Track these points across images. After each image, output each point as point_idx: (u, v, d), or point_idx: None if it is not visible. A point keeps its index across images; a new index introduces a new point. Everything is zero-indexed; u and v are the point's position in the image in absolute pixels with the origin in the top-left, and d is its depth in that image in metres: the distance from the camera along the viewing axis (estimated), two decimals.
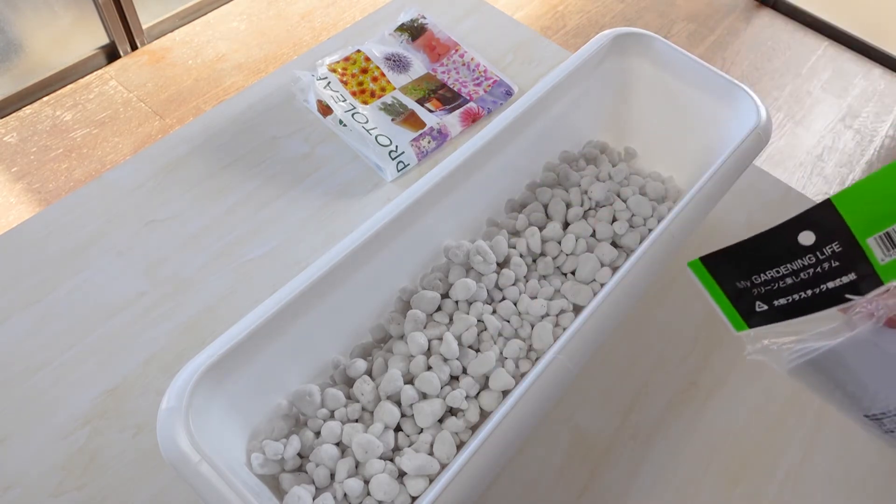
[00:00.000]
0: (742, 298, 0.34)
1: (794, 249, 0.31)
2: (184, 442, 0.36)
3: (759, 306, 0.33)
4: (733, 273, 0.33)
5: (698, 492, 0.50)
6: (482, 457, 0.37)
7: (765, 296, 0.33)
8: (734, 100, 0.57)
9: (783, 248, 0.31)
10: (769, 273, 0.32)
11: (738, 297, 0.34)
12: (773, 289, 0.32)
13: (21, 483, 0.47)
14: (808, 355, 0.32)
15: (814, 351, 0.32)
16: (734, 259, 0.33)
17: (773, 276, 0.32)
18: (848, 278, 0.30)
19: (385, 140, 0.67)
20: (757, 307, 0.33)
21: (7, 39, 1.46)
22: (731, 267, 0.33)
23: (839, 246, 0.30)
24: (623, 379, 0.54)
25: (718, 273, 0.34)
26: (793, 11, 2.01)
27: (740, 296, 0.34)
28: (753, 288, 0.33)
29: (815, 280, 0.31)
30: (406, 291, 0.52)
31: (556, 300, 0.52)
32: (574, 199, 0.58)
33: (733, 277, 0.33)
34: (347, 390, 0.48)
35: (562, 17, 1.91)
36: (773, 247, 0.31)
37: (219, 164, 0.66)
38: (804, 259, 0.31)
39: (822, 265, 0.30)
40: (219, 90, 1.60)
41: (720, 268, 0.33)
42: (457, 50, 0.77)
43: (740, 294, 0.33)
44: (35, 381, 0.51)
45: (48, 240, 0.59)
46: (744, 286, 0.33)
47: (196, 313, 0.56)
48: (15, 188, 1.39)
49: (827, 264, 0.30)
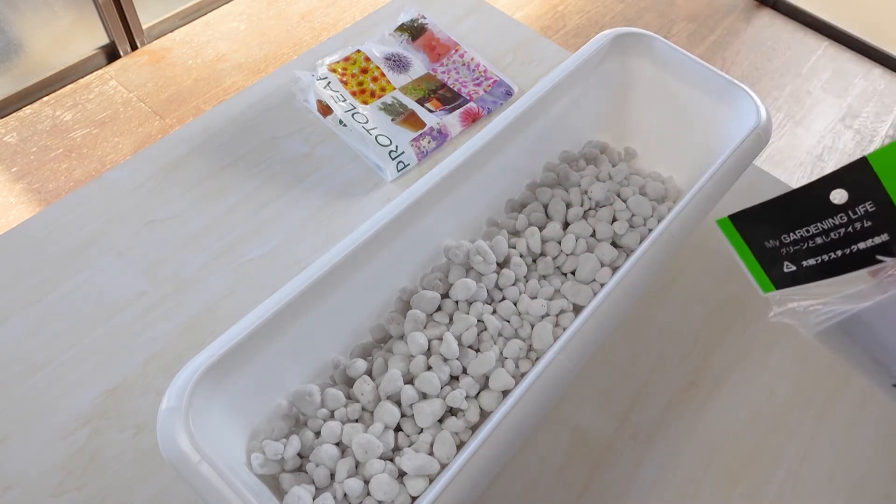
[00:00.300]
0: (770, 258, 0.33)
1: (825, 208, 0.30)
2: (184, 442, 0.36)
3: (788, 267, 0.32)
4: (762, 232, 0.32)
5: (698, 492, 0.50)
6: (482, 457, 0.37)
7: (793, 256, 0.32)
8: (734, 100, 0.57)
9: (814, 207, 0.30)
10: (799, 232, 0.31)
11: (766, 257, 0.33)
12: (803, 248, 0.31)
13: (21, 483, 0.47)
14: (836, 318, 0.31)
15: (841, 314, 0.31)
16: (764, 217, 0.32)
17: (802, 235, 0.31)
18: (880, 239, 0.29)
19: (385, 140, 0.67)
20: (785, 268, 0.32)
21: (7, 39, 1.46)
22: (760, 225, 0.32)
23: (872, 206, 0.29)
24: (623, 379, 0.54)
25: (747, 232, 0.33)
26: (793, 11, 2.01)
27: (768, 256, 0.33)
28: (782, 248, 0.32)
29: (845, 240, 0.30)
30: (406, 291, 0.52)
31: (556, 300, 0.52)
32: (574, 199, 0.58)
33: (762, 236, 0.32)
34: (347, 390, 0.48)
35: (562, 17, 1.91)
36: (804, 205, 0.31)
37: (219, 164, 0.66)
38: (835, 218, 0.30)
39: (853, 225, 0.30)
40: (219, 90, 1.60)
41: (749, 226, 0.33)
42: (457, 50, 0.77)
43: (768, 254, 0.33)
44: (35, 381, 0.51)
45: (48, 240, 0.59)
46: (772, 246, 0.32)
47: (196, 313, 0.56)
48: (15, 188, 1.39)
49: (859, 224, 0.29)
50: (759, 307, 0.59)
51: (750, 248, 0.33)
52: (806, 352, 0.57)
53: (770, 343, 0.57)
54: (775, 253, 0.33)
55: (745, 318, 0.59)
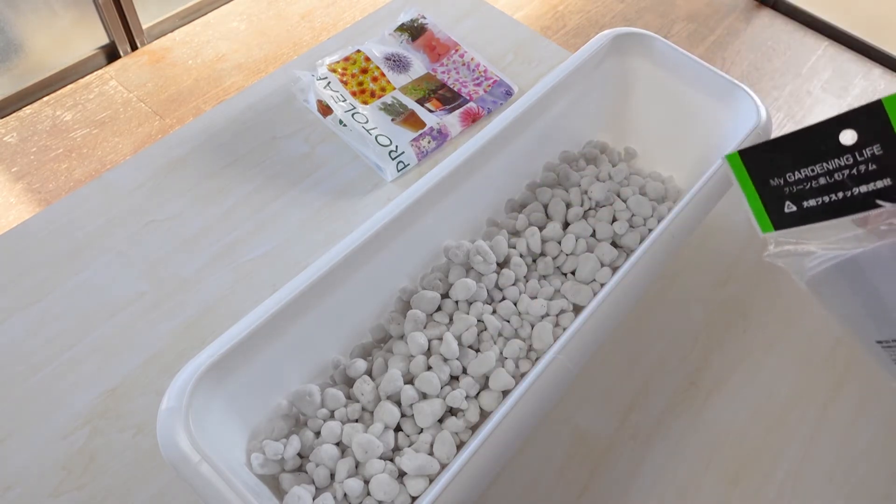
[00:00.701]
0: (773, 197, 0.33)
1: (832, 148, 0.30)
2: (184, 442, 0.36)
3: (789, 207, 0.33)
4: (768, 169, 0.33)
5: (698, 492, 0.50)
6: (482, 457, 0.37)
7: (796, 195, 0.32)
8: (734, 100, 0.57)
9: (822, 146, 0.30)
10: (804, 171, 0.31)
11: (768, 196, 0.33)
12: (806, 189, 0.32)
13: (21, 483, 0.47)
14: (832, 261, 0.31)
15: (837, 257, 0.31)
16: (772, 154, 0.32)
17: (807, 174, 0.31)
18: (883, 183, 0.29)
19: (385, 140, 0.67)
20: (786, 207, 0.33)
21: (7, 39, 1.46)
22: (767, 162, 0.33)
23: (880, 149, 0.29)
24: (623, 379, 0.54)
25: (754, 168, 0.33)
26: (793, 11, 2.01)
27: (771, 194, 0.33)
28: (786, 186, 0.32)
29: (849, 182, 0.30)
30: (406, 291, 0.52)
31: (556, 300, 0.52)
32: (574, 199, 0.58)
33: (767, 174, 0.33)
34: (347, 390, 0.48)
35: (562, 17, 1.91)
36: (812, 143, 0.31)
37: (219, 164, 0.66)
38: (841, 159, 0.30)
39: (858, 167, 0.30)
40: (219, 90, 1.60)
41: (756, 163, 0.33)
42: (457, 50, 0.77)
43: (772, 192, 0.33)
44: (35, 381, 0.51)
45: (48, 240, 0.59)
46: (776, 184, 0.33)
47: (196, 313, 0.56)
48: (15, 188, 1.39)
49: (864, 167, 0.30)
50: (760, 307, 0.59)
51: (754, 185, 0.33)
52: (806, 352, 0.57)
53: (770, 343, 0.57)
54: (778, 192, 0.33)
55: (745, 318, 0.59)
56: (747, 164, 0.33)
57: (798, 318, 0.59)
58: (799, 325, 0.59)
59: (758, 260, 0.62)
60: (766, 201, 0.34)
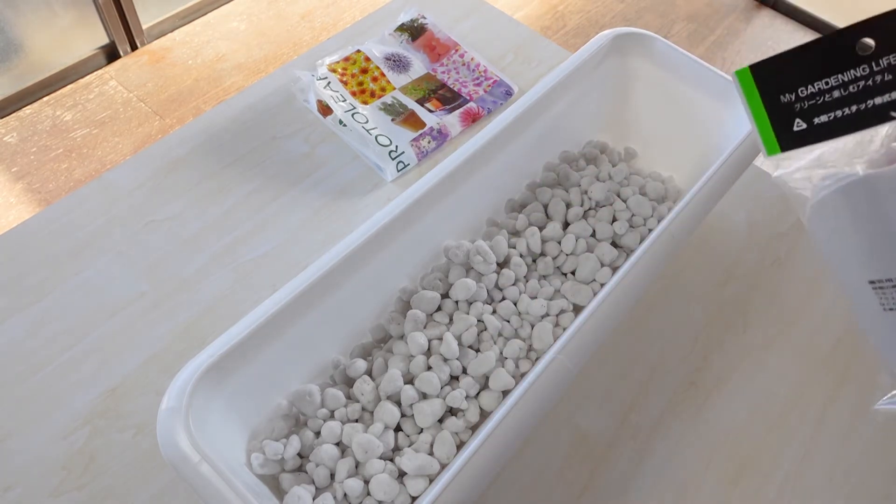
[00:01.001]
0: (782, 115, 0.32)
1: (848, 58, 0.30)
2: (184, 442, 0.36)
3: (798, 124, 0.32)
4: (780, 83, 0.32)
5: (698, 492, 0.50)
6: (482, 457, 0.37)
7: (807, 111, 0.31)
8: (734, 100, 0.57)
9: (838, 56, 0.30)
10: (817, 84, 0.31)
11: (777, 114, 0.32)
12: (818, 103, 0.31)
13: (21, 483, 0.47)
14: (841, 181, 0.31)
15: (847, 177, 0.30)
16: (784, 67, 0.31)
17: (820, 88, 0.31)
18: None
19: (385, 140, 0.67)
20: (795, 125, 0.32)
21: (7, 39, 1.46)
22: (779, 76, 0.32)
23: None
24: (623, 379, 0.54)
25: (764, 84, 0.32)
26: (793, 11, 2.01)
27: (781, 112, 0.32)
28: (797, 102, 0.32)
29: (863, 94, 0.30)
30: (406, 291, 0.52)
31: (556, 300, 0.52)
32: (574, 199, 0.58)
33: (779, 89, 0.32)
34: (347, 390, 0.48)
35: (562, 17, 1.91)
36: (827, 54, 0.30)
37: (219, 164, 0.66)
38: (857, 70, 0.30)
39: (874, 77, 0.29)
40: (219, 90, 1.60)
41: (768, 77, 0.32)
42: (457, 50, 0.77)
43: (781, 109, 0.32)
44: (35, 381, 0.51)
45: (48, 240, 0.59)
46: (787, 100, 0.32)
47: (196, 313, 0.56)
48: (15, 188, 1.39)
49: (880, 77, 0.29)
50: (759, 307, 0.59)
51: (763, 102, 0.33)
52: (806, 352, 0.57)
53: (770, 343, 0.57)
54: (789, 108, 0.32)
55: (745, 319, 0.59)
56: (758, 80, 0.32)
57: (798, 318, 0.59)
58: (799, 325, 0.59)
59: (758, 260, 0.62)
60: (774, 120, 0.32)
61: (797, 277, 0.62)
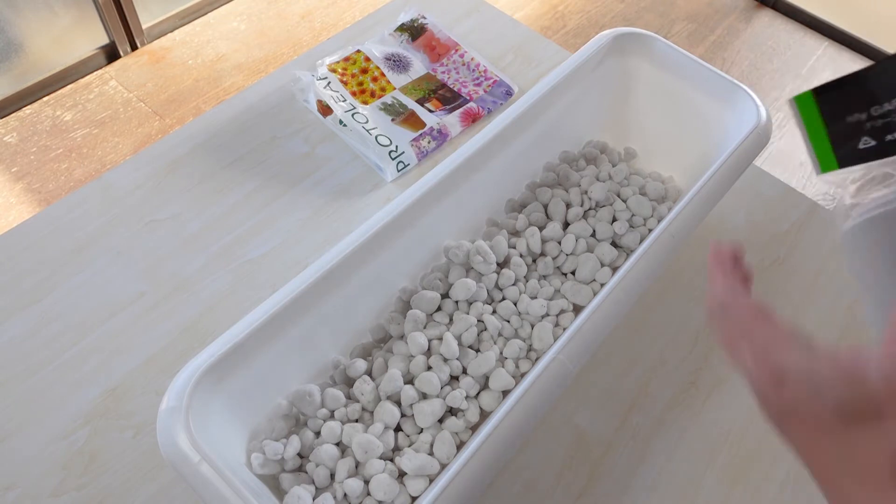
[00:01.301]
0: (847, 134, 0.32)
1: None
2: (184, 442, 0.36)
3: (866, 142, 0.32)
4: (850, 105, 0.32)
5: (698, 492, 0.50)
6: (482, 457, 0.37)
7: (879, 130, 0.32)
8: (734, 100, 0.57)
9: None
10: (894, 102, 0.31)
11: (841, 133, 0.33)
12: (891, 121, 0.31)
13: (21, 483, 0.47)
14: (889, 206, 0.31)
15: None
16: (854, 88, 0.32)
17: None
18: None
19: (385, 140, 0.67)
20: (862, 143, 0.32)
21: (7, 39, 1.46)
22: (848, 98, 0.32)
23: None
24: (623, 379, 0.54)
25: (831, 105, 0.32)
26: (793, 11, 2.01)
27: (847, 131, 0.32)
28: (868, 121, 0.32)
29: None
30: (406, 291, 0.52)
31: (556, 300, 0.52)
32: (574, 199, 0.58)
33: (848, 110, 0.32)
34: (347, 390, 0.48)
35: (562, 17, 1.91)
36: None
37: (219, 164, 0.66)
38: None
39: None
40: (219, 90, 1.60)
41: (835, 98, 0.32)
42: (457, 50, 0.77)
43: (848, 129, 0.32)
44: (35, 381, 0.51)
45: (48, 240, 0.59)
46: (856, 119, 0.32)
47: (196, 313, 0.56)
48: (15, 188, 1.38)
49: None
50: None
51: (826, 123, 0.33)
52: None
53: None
54: (857, 127, 0.32)
55: None
56: (822, 102, 0.32)
57: (798, 318, 0.59)
58: (799, 325, 0.58)
59: (758, 260, 0.62)
60: (835, 139, 0.33)
61: (797, 277, 0.62)
